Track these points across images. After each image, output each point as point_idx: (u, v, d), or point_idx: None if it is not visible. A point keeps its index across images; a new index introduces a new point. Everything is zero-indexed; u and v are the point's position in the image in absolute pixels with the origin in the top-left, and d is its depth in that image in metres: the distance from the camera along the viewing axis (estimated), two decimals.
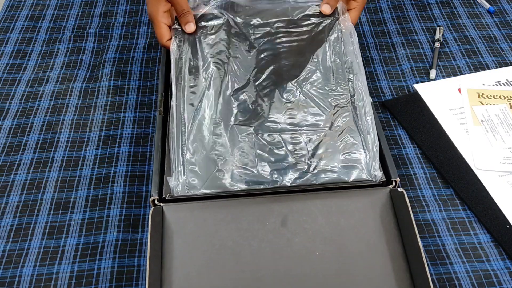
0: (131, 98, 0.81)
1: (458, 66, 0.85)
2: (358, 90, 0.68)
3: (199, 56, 0.72)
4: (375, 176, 0.62)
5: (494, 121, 0.75)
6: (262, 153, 0.64)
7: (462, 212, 0.67)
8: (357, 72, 0.70)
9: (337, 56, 0.72)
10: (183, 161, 0.62)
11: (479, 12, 0.96)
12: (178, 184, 0.61)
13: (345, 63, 0.71)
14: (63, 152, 0.74)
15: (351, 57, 0.71)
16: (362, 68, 0.70)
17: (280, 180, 0.62)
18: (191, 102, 0.67)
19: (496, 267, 0.62)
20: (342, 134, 0.65)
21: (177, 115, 0.66)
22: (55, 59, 0.88)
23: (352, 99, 0.68)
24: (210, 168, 0.62)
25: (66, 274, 0.62)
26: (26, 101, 0.81)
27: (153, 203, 0.61)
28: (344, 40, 0.73)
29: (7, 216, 0.67)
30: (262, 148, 0.64)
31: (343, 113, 0.67)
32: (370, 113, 0.66)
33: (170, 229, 0.60)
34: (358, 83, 0.69)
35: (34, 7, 0.98)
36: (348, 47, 0.72)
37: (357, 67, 0.70)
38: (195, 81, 0.70)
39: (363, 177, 0.62)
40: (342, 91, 0.69)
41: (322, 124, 0.66)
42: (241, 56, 0.72)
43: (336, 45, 0.73)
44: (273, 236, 0.59)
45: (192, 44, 0.73)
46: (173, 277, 0.57)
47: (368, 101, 0.67)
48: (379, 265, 0.57)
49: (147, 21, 0.95)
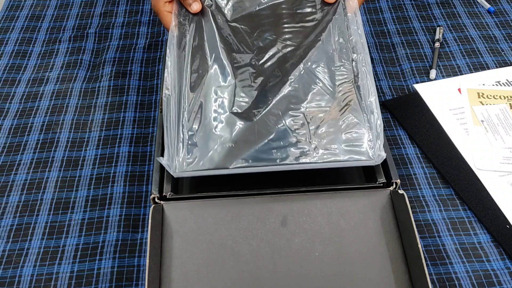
0: (131, 98, 0.81)
1: (458, 66, 0.85)
2: (361, 69, 0.68)
3: (204, 36, 0.71)
4: (378, 156, 0.61)
5: (494, 121, 0.75)
6: (263, 131, 0.64)
7: (462, 212, 0.67)
8: (361, 52, 0.69)
9: (341, 36, 0.71)
10: (183, 138, 0.62)
11: (479, 12, 0.96)
12: (175, 163, 0.60)
13: (349, 43, 0.70)
14: (63, 152, 0.74)
15: (355, 37, 0.71)
16: (366, 48, 0.69)
17: (280, 158, 0.61)
18: (192, 82, 0.67)
19: (496, 267, 0.62)
20: (345, 113, 0.64)
21: (177, 95, 0.66)
22: (55, 59, 0.88)
23: (356, 78, 0.68)
24: (210, 145, 0.62)
25: (66, 274, 0.62)
26: (26, 101, 0.81)
27: (154, 201, 0.61)
28: (348, 19, 0.73)
29: (7, 216, 0.67)
30: (263, 126, 0.64)
31: (346, 92, 0.66)
32: (374, 93, 0.65)
33: (170, 227, 0.60)
34: (362, 63, 0.68)
35: (34, 7, 0.98)
36: (352, 27, 0.72)
37: (361, 47, 0.69)
38: (197, 62, 0.69)
39: (363, 158, 0.61)
40: (346, 71, 0.68)
41: (325, 103, 0.66)
42: (245, 36, 0.72)
43: (340, 25, 0.72)
44: (272, 236, 0.59)
45: (196, 25, 0.73)
46: (172, 275, 0.57)
47: (372, 81, 0.66)
48: (378, 267, 0.57)
49: (147, 21, 0.95)
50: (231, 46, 0.70)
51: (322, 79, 0.68)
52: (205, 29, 0.72)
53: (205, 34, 0.72)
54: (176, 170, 0.60)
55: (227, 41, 0.71)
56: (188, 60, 0.69)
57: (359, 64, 0.68)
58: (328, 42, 0.71)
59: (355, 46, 0.70)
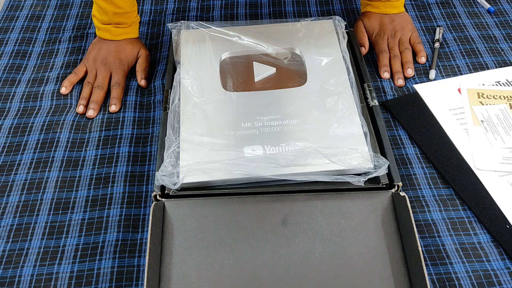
0: (131, 98, 0.81)
1: (458, 66, 0.85)
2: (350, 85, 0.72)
3: (206, 52, 0.75)
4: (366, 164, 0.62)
5: (494, 121, 0.75)
6: (260, 138, 0.65)
7: (462, 212, 0.67)
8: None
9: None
10: (181, 151, 0.64)
11: (479, 12, 0.96)
12: (174, 179, 0.61)
13: None
14: (63, 152, 0.74)
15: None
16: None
17: (275, 165, 0.62)
18: (193, 96, 0.69)
19: (496, 267, 0.62)
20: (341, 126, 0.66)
21: (179, 108, 0.68)
22: (55, 59, 0.88)
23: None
24: (209, 157, 0.63)
25: (66, 274, 0.62)
26: (26, 101, 0.81)
27: (155, 198, 0.61)
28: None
29: (7, 216, 0.67)
30: (261, 135, 0.65)
31: (339, 100, 0.69)
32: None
33: (170, 225, 0.60)
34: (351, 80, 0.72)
35: (34, 7, 0.98)
36: None
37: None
38: (199, 78, 0.71)
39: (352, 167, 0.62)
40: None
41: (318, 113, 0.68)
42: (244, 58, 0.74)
43: None
44: (273, 236, 0.59)
45: (199, 41, 0.76)
46: (172, 273, 0.57)
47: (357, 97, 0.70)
48: (378, 268, 0.57)
49: (147, 21, 0.95)
50: (230, 66, 0.76)
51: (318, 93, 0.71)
52: (207, 45, 0.77)
53: (206, 50, 0.77)
54: (176, 186, 0.61)
55: (227, 62, 0.75)
56: (188, 75, 0.74)
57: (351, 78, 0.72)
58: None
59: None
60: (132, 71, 0.85)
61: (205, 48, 0.76)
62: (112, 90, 0.80)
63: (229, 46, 0.77)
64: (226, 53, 0.77)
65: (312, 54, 0.76)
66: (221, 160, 0.62)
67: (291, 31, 0.79)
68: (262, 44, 0.77)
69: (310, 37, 0.78)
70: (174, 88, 0.71)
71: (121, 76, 0.82)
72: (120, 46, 0.84)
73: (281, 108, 0.69)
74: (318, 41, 0.78)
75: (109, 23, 0.83)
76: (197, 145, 0.64)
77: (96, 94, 0.80)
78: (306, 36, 0.79)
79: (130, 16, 0.84)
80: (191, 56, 0.75)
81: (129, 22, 0.84)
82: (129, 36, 0.85)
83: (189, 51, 0.76)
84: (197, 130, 0.66)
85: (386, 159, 0.63)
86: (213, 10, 0.97)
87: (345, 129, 0.66)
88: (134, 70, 0.85)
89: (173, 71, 0.76)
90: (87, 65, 0.83)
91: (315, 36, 0.78)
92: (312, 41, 0.78)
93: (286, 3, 0.98)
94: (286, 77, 0.74)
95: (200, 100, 0.69)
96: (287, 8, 0.97)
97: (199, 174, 0.61)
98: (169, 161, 0.62)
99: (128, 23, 0.84)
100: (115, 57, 0.83)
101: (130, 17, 0.84)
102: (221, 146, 0.64)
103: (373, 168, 0.62)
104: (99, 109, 0.79)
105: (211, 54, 0.76)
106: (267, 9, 0.97)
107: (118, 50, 0.83)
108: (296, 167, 0.62)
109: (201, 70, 0.73)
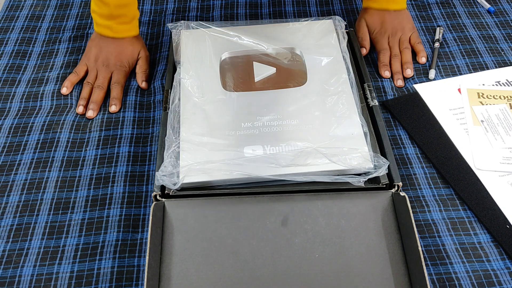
0: (131, 98, 0.81)
1: (458, 66, 0.85)
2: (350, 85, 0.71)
3: (206, 52, 0.74)
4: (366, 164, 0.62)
5: (494, 121, 0.75)
6: (259, 138, 0.65)
7: (462, 212, 0.67)
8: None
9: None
10: (181, 151, 0.63)
11: (479, 12, 0.96)
12: (174, 179, 0.61)
13: None
14: (63, 152, 0.74)
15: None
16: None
17: (275, 165, 0.62)
18: (193, 96, 0.69)
19: (496, 267, 0.62)
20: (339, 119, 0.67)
21: (179, 108, 0.68)
22: (55, 59, 0.88)
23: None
24: (210, 157, 0.63)
25: (66, 274, 0.62)
26: (27, 101, 0.81)
27: (155, 198, 0.61)
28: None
29: (7, 216, 0.67)
30: (261, 135, 0.65)
31: (339, 100, 0.69)
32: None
33: (170, 225, 0.60)
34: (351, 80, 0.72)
35: (34, 7, 0.98)
36: None
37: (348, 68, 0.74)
38: (199, 78, 0.71)
39: (353, 167, 0.62)
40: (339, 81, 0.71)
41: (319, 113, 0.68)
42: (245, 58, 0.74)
43: None
44: (273, 236, 0.59)
45: (199, 41, 0.76)
46: (172, 273, 0.57)
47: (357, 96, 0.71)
48: (378, 268, 0.57)
49: (147, 21, 0.95)
50: (230, 66, 0.75)
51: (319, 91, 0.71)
52: (207, 45, 0.77)
53: (207, 50, 0.77)
54: (176, 185, 0.61)
55: (227, 63, 0.75)
56: (189, 74, 0.74)
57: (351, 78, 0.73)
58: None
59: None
60: (132, 71, 0.85)
61: (205, 48, 0.76)
62: (112, 90, 0.80)
63: (229, 46, 0.77)
64: (226, 53, 0.77)
65: (312, 54, 0.76)
66: (221, 160, 0.62)
67: (291, 31, 0.80)
68: (262, 44, 0.77)
69: (310, 37, 0.78)
70: (174, 88, 0.71)
71: (121, 77, 0.82)
72: (121, 47, 0.83)
73: (281, 108, 0.69)
74: (318, 41, 0.78)
75: (110, 16, 0.81)
76: (197, 145, 0.64)
77: (96, 94, 0.80)
78: (306, 36, 0.79)
79: (132, 9, 0.83)
80: (191, 56, 0.75)
81: (129, 15, 0.83)
82: (130, 34, 0.84)
83: (189, 51, 0.76)
84: (197, 130, 0.66)
85: (386, 159, 0.63)
86: (213, 10, 0.97)
87: (345, 129, 0.66)
88: (134, 70, 0.85)
89: (173, 71, 0.76)
90: (88, 65, 0.83)
91: (315, 36, 0.79)
92: (312, 41, 0.78)
93: (286, 3, 0.98)
94: (286, 77, 0.74)
95: (200, 100, 0.69)
96: (287, 8, 0.97)
97: (199, 174, 0.61)
98: (169, 161, 0.62)
99: (129, 17, 0.83)
100: (117, 58, 0.83)
101: (132, 10, 0.83)
102: (221, 146, 0.64)
103: (373, 168, 0.62)
104: (98, 109, 0.79)
105: (211, 54, 0.76)
106: (267, 9, 0.97)
107: (119, 51, 0.83)
108: (296, 167, 0.62)
109: (201, 70, 0.73)
